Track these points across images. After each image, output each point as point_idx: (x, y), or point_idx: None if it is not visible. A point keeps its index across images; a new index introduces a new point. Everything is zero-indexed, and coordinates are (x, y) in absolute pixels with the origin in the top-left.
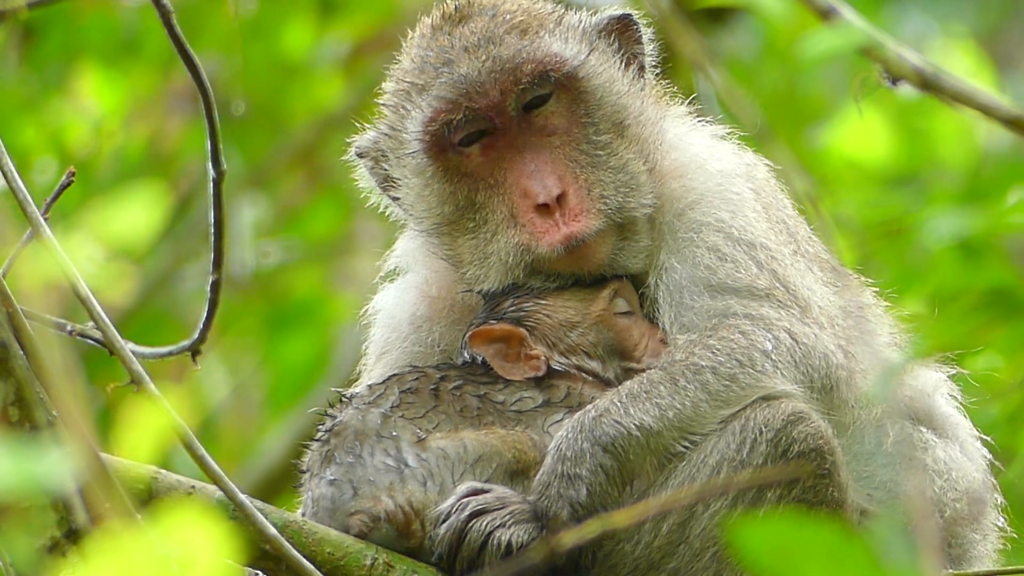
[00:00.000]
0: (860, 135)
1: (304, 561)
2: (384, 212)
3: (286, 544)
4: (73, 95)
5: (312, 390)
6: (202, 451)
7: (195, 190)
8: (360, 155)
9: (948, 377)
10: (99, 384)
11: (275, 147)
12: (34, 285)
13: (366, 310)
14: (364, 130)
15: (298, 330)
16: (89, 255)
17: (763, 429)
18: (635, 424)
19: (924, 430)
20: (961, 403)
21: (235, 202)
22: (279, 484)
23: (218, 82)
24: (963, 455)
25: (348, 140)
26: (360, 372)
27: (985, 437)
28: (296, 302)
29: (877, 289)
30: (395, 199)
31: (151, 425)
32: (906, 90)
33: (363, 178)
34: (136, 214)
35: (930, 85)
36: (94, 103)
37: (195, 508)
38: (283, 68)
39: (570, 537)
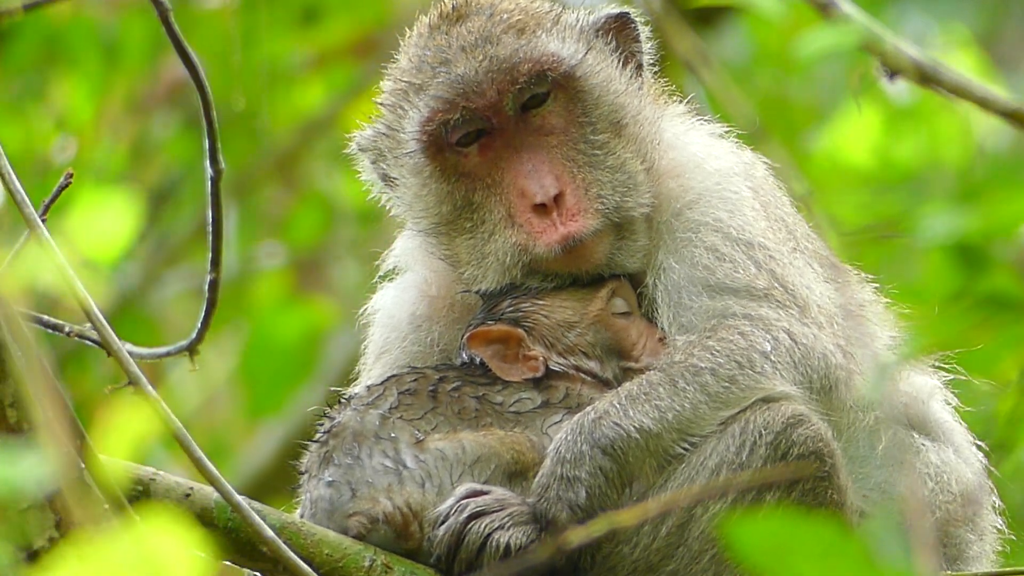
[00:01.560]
0: (854, 137)
1: (300, 563)
2: (366, 217)
3: (283, 546)
4: (50, 101)
5: (293, 394)
6: (199, 453)
7: (172, 193)
8: (361, 150)
9: (944, 384)
10: (74, 384)
11: (257, 153)
12: (21, 286)
13: (365, 310)
14: (362, 128)
15: (277, 334)
16: (65, 260)
17: (763, 431)
18: (634, 426)
19: (917, 436)
20: (957, 409)
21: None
22: (268, 487)
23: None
24: (957, 458)
25: (348, 136)
26: (358, 371)
27: (980, 443)
28: (275, 307)
29: (876, 287)
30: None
31: (137, 426)
32: (903, 87)
33: (365, 170)
34: (112, 221)
35: (928, 79)
36: (71, 109)
37: (176, 512)
38: (266, 75)
39: (569, 538)
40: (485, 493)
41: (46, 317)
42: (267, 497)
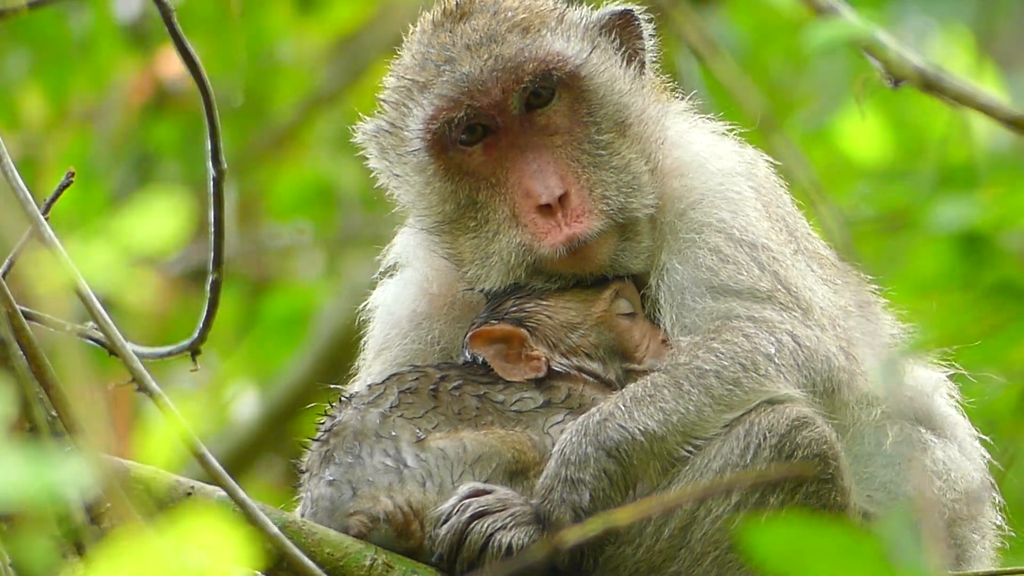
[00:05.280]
0: (855, 129)
1: (306, 560)
2: (369, 202)
3: (288, 542)
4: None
5: (286, 362)
6: (203, 450)
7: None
8: (366, 142)
9: (947, 377)
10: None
11: (257, 134)
12: (46, 286)
13: (364, 305)
14: (362, 119)
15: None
16: (109, 262)
17: (767, 434)
18: (639, 429)
19: (923, 430)
20: (960, 403)
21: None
22: (251, 457)
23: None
24: (962, 455)
25: (351, 127)
26: (357, 367)
27: (984, 437)
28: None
29: (877, 286)
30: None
31: (163, 430)
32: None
33: (372, 158)
34: (160, 221)
35: (932, 86)
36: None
37: (212, 515)
38: (264, 59)
39: (571, 538)
40: (488, 493)
41: (48, 315)
42: (250, 468)
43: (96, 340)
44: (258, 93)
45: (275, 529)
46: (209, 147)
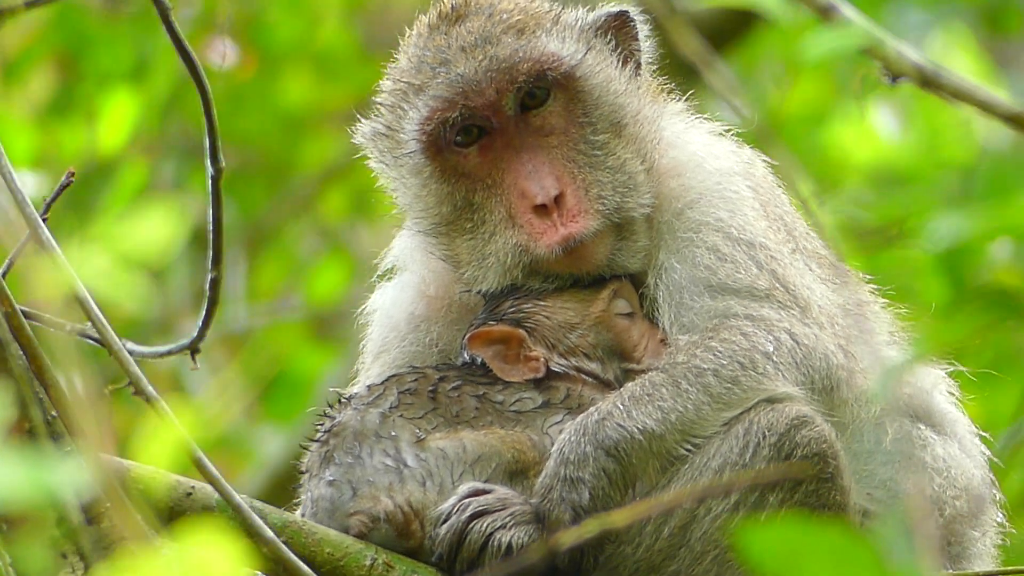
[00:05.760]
0: (858, 134)
1: (300, 564)
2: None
3: (283, 547)
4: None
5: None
6: (199, 453)
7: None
8: (363, 144)
9: (946, 374)
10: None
11: (275, 202)
12: (45, 287)
13: (363, 308)
14: (362, 124)
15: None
16: (105, 267)
17: (767, 433)
18: (638, 427)
19: (923, 427)
20: (959, 399)
21: (231, 257)
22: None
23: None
24: (962, 452)
25: (351, 129)
26: (356, 371)
27: (984, 434)
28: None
29: (875, 286)
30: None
31: (164, 433)
32: (905, 88)
33: (373, 159)
34: (156, 227)
35: (930, 83)
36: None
37: (214, 526)
38: (284, 122)
39: (571, 538)
40: (487, 492)
41: (47, 316)
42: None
43: (95, 340)
44: (276, 162)
45: (270, 533)
46: (207, 146)
